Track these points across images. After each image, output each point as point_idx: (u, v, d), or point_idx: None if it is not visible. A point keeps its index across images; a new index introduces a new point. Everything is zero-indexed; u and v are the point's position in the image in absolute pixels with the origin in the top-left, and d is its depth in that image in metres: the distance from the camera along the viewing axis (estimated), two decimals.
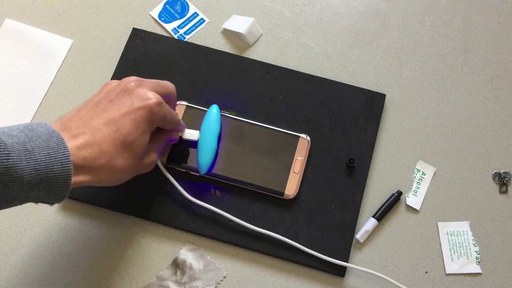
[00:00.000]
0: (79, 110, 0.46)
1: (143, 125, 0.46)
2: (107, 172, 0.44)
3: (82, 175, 0.43)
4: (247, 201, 0.56)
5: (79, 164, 0.42)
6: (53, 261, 0.55)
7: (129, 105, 0.46)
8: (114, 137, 0.44)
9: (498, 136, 0.60)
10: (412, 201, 0.57)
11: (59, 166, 0.40)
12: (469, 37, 0.65)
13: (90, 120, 0.45)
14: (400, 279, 0.55)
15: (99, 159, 0.44)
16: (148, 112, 0.46)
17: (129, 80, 0.48)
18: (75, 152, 0.42)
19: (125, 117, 0.45)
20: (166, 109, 0.48)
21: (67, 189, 0.42)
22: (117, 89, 0.47)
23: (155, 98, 0.47)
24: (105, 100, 0.46)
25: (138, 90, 0.47)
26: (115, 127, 0.45)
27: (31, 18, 0.65)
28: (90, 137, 0.44)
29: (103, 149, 0.44)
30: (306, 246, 0.54)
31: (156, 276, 0.55)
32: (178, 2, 0.66)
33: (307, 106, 0.60)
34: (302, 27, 0.65)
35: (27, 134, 0.41)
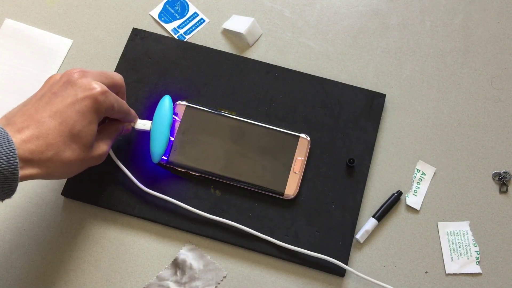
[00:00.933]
0: (24, 105, 0.46)
1: (89, 115, 0.46)
2: (55, 164, 0.44)
3: (30, 168, 0.43)
4: (247, 201, 0.56)
5: (26, 158, 0.42)
6: (53, 261, 0.55)
7: (73, 96, 0.46)
8: (60, 129, 0.44)
9: (498, 136, 0.60)
10: (412, 201, 0.57)
11: (4, 160, 0.40)
12: (469, 37, 0.65)
13: (35, 113, 0.45)
14: (400, 279, 0.55)
15: (46, 151, 0.43)
16: (93, 101, 0.46)
17: (72, 72, 0.47)
18: (20, 146, 0.42)
19: (69, 108, 0.45)
20: (112, 98, 0.48)
21: (15, 183, 0.42)
22: (60, 81, 0.47)
23: (100, 87, 0.47)
24: (48, 93, 0.46)
25: (82, 81, 0.47)
26: (60, 119, 0.45)
27: (31, 18, 0.65)
28: (36, 130, 0.44)
29: (50, 141, 0.44)
30: (306, 246, 0.55)
31: (156, 276, 0.55)
32: (178, 2, 0.66)
33: (307, 106, 0.60)
34: (302, 27, 0.65)
35: None
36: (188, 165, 0.56)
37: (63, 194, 0.57)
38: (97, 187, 0.57)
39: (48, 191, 0.58)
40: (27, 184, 0.57)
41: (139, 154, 0.58)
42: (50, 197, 0.57)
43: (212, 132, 0.58)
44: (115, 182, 0.57)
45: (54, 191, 0.58)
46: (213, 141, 0.57)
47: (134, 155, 0.58)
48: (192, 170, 0.56)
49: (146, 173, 0.57)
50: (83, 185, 0.57)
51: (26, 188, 0.58)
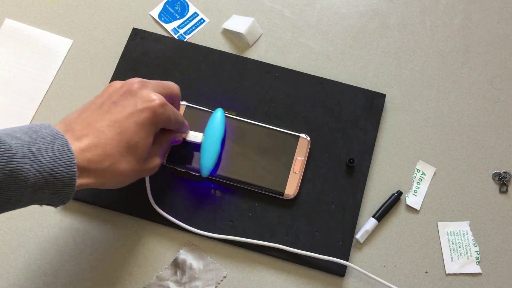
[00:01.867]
0: (83, 111, 0.46)
1: (147, 127, 0.46)
2: (110, 174, 0.44)
3: (86, 177, 0.42)
4: (247, 201, 0.56)
5: (83, 166, 0.42)
6: (53, 261, 0.55)
7: (133, 107, 0.45)
8: (118, 140, 0.44)
9: (498, 136, 0.60)
10: (412, 201, 0.57)
11: (63, 168, 0.40)
12: (469, 37, 0.65)
13: (94, 122, 0.44)
14: (400, 279, 0.55)
15: (103, 161, 0.43)
16: (152, 113, 0.46)
17: (132, 82, 0.47)
18: (79, 154, 0.42)
19: (128, 119, 0.45)
20: (169, 110, 0.48)
21: (72, 191, 0.41)
22: (121, 90, 0.47)
23: (159, 99, 0.46)
24: (108, 102, 0.46)
25: (142, 92, 0.46)
26: (119, 129, 0.44)
27: (31, 18, 0.65)
28: (94, 139, 0.43)
29: (107, 151, 0.43)
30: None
31: (156, 276, 0.55)
32: (178, 2, 0.66)
33: (307, 106, 0.60)
34: (302, 27, 0.65)
35: (31, 136, 0.40)
36: (188, 165, 0.56)
37: None
38: None
39: None
40: None
41: None
42: None
43: None
44: None
45: None
46: None
47: None
48: (192, 170, 0.56)
49: None
50: None
51: None
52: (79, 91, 0.62)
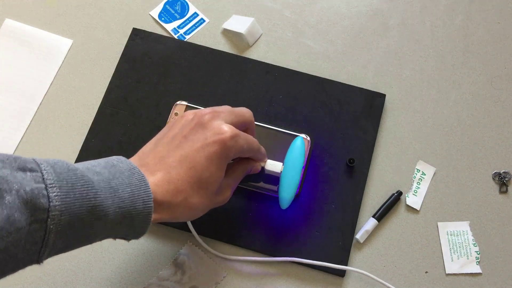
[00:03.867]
0: (156, 145, 0.46)
1: (217, 160, 0.45)
2: (182, 209, 0.44)
3: (159, 212, 0.42)
4: (247, 201, 0.56)
5: (158, 201, 0.42)
6: (52, 261, 0.55)
7: (203, 141, 0.45)
8: (189, 175, 0.44)
9: (498, 136, 0.60)
10: (412, 201, 0.57)
11: (141, 203, 0.40)
12: (469, 37, 0.65)
13: (166, 156, 0.44)
14: (400, 279, 0.55)
15: (176, 197, 0.43)
16: (222, 146, 0.45)
17: (203, 113, 0.47)
18: (153, 189, 0.42)
19: (199, 153, 0.44)
20: (241, 140, 0.46)
21: (147, 226, 0.41)
22: (192, 123, 0.46)
23: (230, 131, 0.45)
24: (179, 136, 0.46)
25: (212, 124, 0.46)
26: (190, 165, 0.44)
27: (31, 18, 0.65)
28: (167, 174, 0.43)
29: (179, 187, 0.43)
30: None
31: (156, 276, 0.55)
32: (178, 2, 0.66)
33: (307, 106, 0.60)
34: (302, 27, 0.65)
35: (110, 170, 0.40)
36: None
37: None
38: None
39: None
40: None
41: None
42: None
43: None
44: None
45: None
46: None
47: None
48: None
49: None
50: None
51: None
52: (79, 91, 0.62)
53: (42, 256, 0.36)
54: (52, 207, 0.34)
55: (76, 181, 0.37)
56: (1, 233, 0.33)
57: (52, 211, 0.34)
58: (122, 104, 0.61)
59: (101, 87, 0.62)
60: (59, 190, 0.35)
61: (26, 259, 0.36)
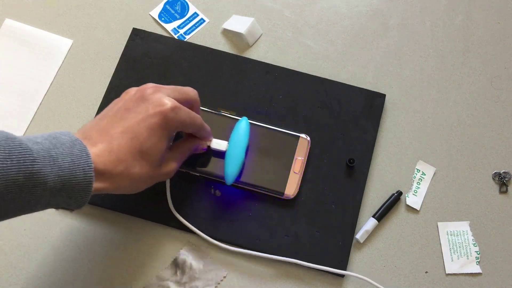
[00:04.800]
0: (100, 119, 0.47)
1: (158, 131, 0.46)
2: (125, 179, 0.45)
3: (101, 182, 0.43)
4: (247, 201, 0.56)
5: (99, 171, 0.43)
6: (53, 261, 0.55)
7: (145, 112, 0.46)
8: (131, 145, 0.45)
9: (498, 136, 0.60)
10: (412, 201, 0.57)
11: (81, 173, 0.41)
12: (469, 37, 0.65)
13: (109, 128, 0.45)
14: (400, 279, 0.55)
15: (117, 166, 0.44)
16: (163, 117, 0.46)
17: (146, 87, 0.48)
18: (95, 159, 0.43)
19: (140, 125, 0.46)
20: (183, 113, 0.48)
21: (88, 195, 0.42)
22: (134, 97, 0.48)
23: (170, 103, 0.47)
24: (122, 109, 0.47)
25: (154, 96, 0.47)
26: (132, 135, 0.45)
27: (31, 18, 0.65)
28: (108, 145, 0.44)
29: (120, 157, 0.44)
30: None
31: (156, 276, 0.55)
32: (178, 2, 0.66)
33: (307, 106, 0.60)
34: (302, 27, 0.65)
35: (51, 141, 0.41)
36: (188, 165, 0.56)
37: None
38: None
39: None
40: None
41: None
42: None
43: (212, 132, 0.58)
44: None
45: None
46: None
47: None
48: (192, 170, 0.56)
49: None
50: None
51: None
52: (79, 91, 0.62)
53: None
54: None
55: (13, 148, 0.38)
56: None
57: None
58: None
59: (101, 87, 0.62)
60: None
61: None
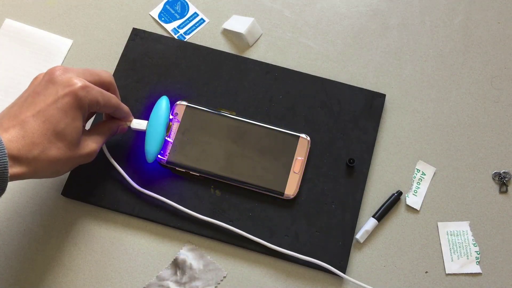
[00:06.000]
0: (11, 107, 0.47)
1: (71, 112, 0.46)
2: (42, 163, 0.45)
3: (17, 167, 0.43)
4: (247, 201, 0.56)
5: (13, 157, 0.43)
6: (53, 261, 0.55)
7: (55, 94, 0.46)
8: (44, 128, 0.45)
9: (498, 136, 0.60)
10: (412, 201, 0.57)
11: None
12: (469, 37, 0.65)
13: (20, 114, 0.45)
14: (400, 279, 0.55)
15: (32, 150, 0.44)
16: (74, 97, 0.46)
17: (54, 70, 0.48)
18: (8, 145, 0.43)
19: (51, 107, 0.45)
20: (95, 92, 0.48)
21: (5, 182, 0.42)
22: (43, 80, 0.47)
23: (80, 82, 0.47)
24: (32, 93, 0.47)
25: (62, 77, 0.47)
26: (44, 118, 0.45)
27: (31, 18, 0.65)
28: (21, 130, 0.44)
29: (35, 140, 0.44)
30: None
31: (156, 276, 0.55)
32: (178, 2, 0.66)
33: (307, 106, 0.60)
34: (302, 27, 0.65)
35: None
36: (188, 165, 0.56)
37: (63, 194, 0.57)
38: (97, 187, 0.57)
39: (48, 191, 0.58)
40: (27, 184, 0.57)
41: (138, 155, 0.58)
42: (50, 197, 0.57)
43: (212, 132, 0.58)
44: (115, 182, 0.57)
45: (54, 191, 0.58)
46: (213, 141, 0.57)
47: (134, 156, 0.58)
48: (192, 170, 0.56)
49: (145, 174, 0.57)
50: (83, 185, 0.57)
51: (26, 188, 0.58)
52: None
53: None
54: None
55: None
56: None
57: None
58: None
59: None
60: None
61: None
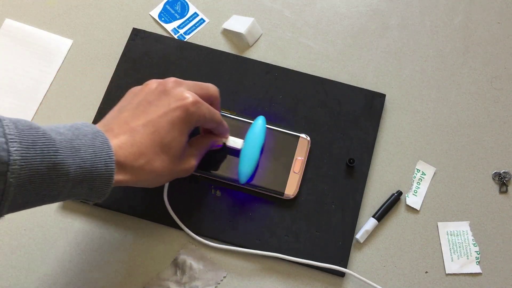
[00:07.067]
0: (120, 111, 0.47)
1: (179, 125, 0.46)
2: (145, 172, 0.45)
3: (122, 174, 0.44)
4: (247, 201, 0.56)
5: (120, 163, 0.43)
6: (53, 262, 0.55)
7: (166, 106, 0.46)
8: (152, 139, 0.45)
9: (498, 136, 0.60)
10: (412, 201, 0.57)
11: (103, 165, 0.41)
12: (469, 37, 0.65)
13: (130, 121, 0.46)
14: (400, 279, 0.55)
15: (138, 159, 0.44)
16: (184, 111, 0.46)
17: (167, 81, 0.48)
18: (116, 152, 0.43)
19: (162, 118, 0.46)
20: (204, 108, 0.48)
21: (109, 188, 0.43)
22: (156, 90, 0.48)
23: (192, 97, 0.47)
24: (144, 102, 0.47)
25: (175, 91, 0.47)
26: (153, 129, 0.45)
27: (31, 18, 0.65)
28: (130, 138, 0.45)
29: (142, 150, 0.45)
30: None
31: (156, 276, 0.55)
32: (178, 2, 0.66)
33: (307, 106, 0.60)
34: (302, 27, 0.65)
35: (73, 132, 0.41)
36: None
37: None
38: None
39: None
40: None
41: None
42: None
43: None
44: None
45: None
46: None
47: None
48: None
49: None
50: None
51: None
52: (79, 91, 0.62)
53: (2, 210, 0.37)
54: (12, 161, 0.36)
55: (37, 138, 0.38)
56: None
57: (12, 165, 0.36)
58: None
59: (101, 87, 0.62)
60: (20, 145, 0.36)
61: None
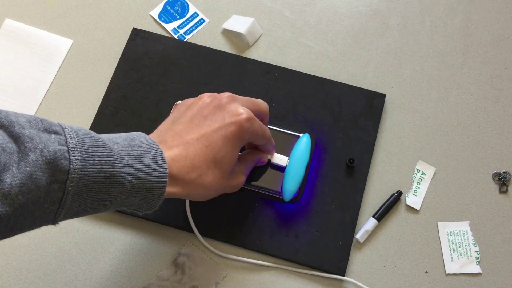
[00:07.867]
0: (174, 123, 0.47)
1: (232, 141, 0.46)
2: (196, 186, 0.45)
3: (173, 186, 0.44)
4: (247, 201, 0.56)
5: (173, 176, 0.43)
6: (53, 261, 0.55)
7: (221, 121, 0.46)
8: (206, 153, 0.45)
9: (498, 136, 0.60)
10: (412, 201, 0.57)
11: (156, 176, 0.41)
12: (469, 37, 0.65)
13: (184, 134, 0.46)
14: (400, 279, 0.55)
15: (191, 173, 0.44)
16: (238, 127, 0.46)
17: (222, 96, 0.48)
18: (170, 164, 0.43)
19: (216, 133, 0.46)
20: (257, 125, 0.48)
21: (160, 199, 0.43)
22: (211, 105, 0.48)
23: (246, 113, 0.47)
24: (199, 116, 0.47)
25: (230, 106, 0.47)
26: (207, 143, 0.45)
27: (31, 18, 0.65)
28: (184, 150, 0.45)
29: (195, 163, 0.45)
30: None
31: (156, 276, 0.55)
32: (178, 2, 0.66)
33: (307, 106, 0.60)
34: (302, 27, 0.65)
35: (129, 143, 0.42)
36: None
37: None
38: None
39: None
40: None
41: None
42: None
43: None
44: None
45: None
46: None
47: None
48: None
49: None
50: None
51: None
52: (79, 91, 0.62)
53: (58, 217, 0.38)
54: (72, 169, 0.36)
55: (97, 148, 0.38)
56: (22, 189, 0.34)
57: (71, 174, 0.36)
58: (122, 104, 0.61)
59: (101, 87, 0.62)
60: (80, 154, 0.37)
61: (42, 218, 0.37)
